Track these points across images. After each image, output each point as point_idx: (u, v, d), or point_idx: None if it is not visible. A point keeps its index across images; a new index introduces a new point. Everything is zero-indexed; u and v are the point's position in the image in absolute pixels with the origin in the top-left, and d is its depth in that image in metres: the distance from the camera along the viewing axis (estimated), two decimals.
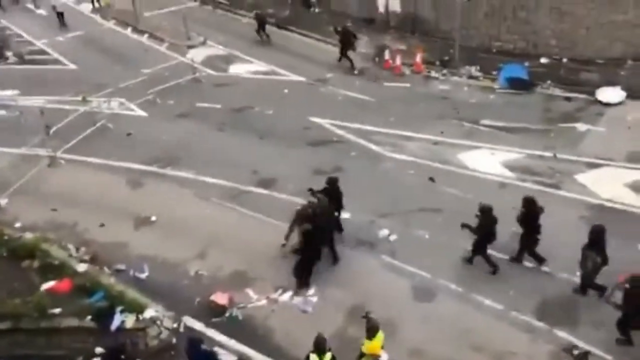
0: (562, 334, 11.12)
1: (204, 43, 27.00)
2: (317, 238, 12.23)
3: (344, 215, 13.85)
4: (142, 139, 19.01)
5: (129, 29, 29.53)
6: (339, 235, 13.53)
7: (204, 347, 10.52)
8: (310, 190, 13.20)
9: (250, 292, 12.59)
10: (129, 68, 24.46)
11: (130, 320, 11.60)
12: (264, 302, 12.31)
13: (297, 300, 12.22)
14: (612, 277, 11.61)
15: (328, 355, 9.46)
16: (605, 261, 11.39)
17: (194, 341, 10.52)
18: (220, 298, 12.18)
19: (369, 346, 9.70)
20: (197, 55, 25.52)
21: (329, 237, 12.87)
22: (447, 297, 12.02)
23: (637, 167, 15.79)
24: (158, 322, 11.65)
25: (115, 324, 11.55)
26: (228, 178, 16.37)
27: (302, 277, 12.43)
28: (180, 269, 13.27)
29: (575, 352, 10.21)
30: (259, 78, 23.51)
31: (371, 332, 9.70)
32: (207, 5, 32.10)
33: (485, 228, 12.12)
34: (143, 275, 13.26)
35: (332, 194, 13.16)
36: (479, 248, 12.43)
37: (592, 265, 11.42)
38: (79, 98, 21.70)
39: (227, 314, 12.03)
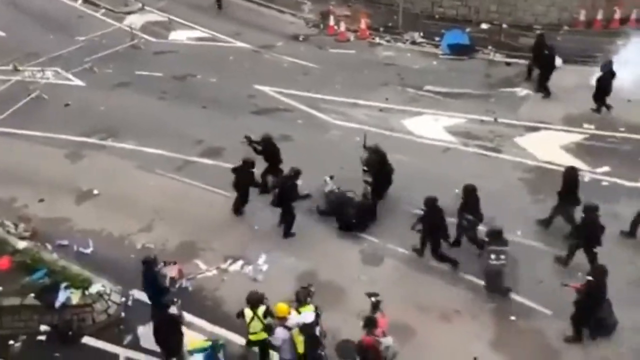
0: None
1: (142, 9, 26.02)
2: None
3: None
4: (81, 109, 18.33)
5: None
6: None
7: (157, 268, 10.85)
8: (247, 138, 13.57)
9: (199, 263, 12.52)
10: (63, 35, 23.35)
11: (75, 296, 11.31)
12: (213, 272, 12.27)
13: (248, 269, 12.24)
14: (555, 235, 12.20)
15: (261, 309, 9.66)
16: (479, 219, 11.91)
17: (148, 262, 10.69)
18: (169, 270, 12.04)
19: (281, 307, 9.70)
20: (135, 21, 24.62)
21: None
22: (395, 261, 12.30)
23: (572, 129, 16.43)
24: (105, 297, 11.44)
25: (60, 300, 11.25)
26: (172, 148, 16.05)
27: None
28: (126, 243, 13.03)
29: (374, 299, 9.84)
30: (202, 45, 22.95)
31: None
32: None
33: (430, 220, 11.79)
34: (87, 250, 12.95)
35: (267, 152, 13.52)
36: (434, 247, 12.01)
37: (467, 224, 11.93)
38: (10, 67, 20.63)
39: (176, 286, 11.93)
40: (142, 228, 13.43)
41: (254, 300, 9.71)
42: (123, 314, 11.45)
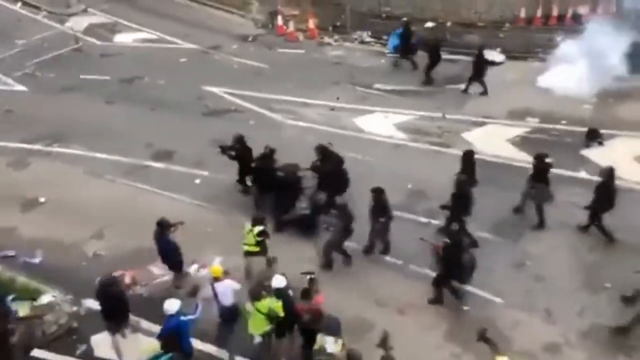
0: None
1: (85, 11, 25.38)
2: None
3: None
4: (23, 115, 17.77)
5: None
6: None
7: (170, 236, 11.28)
8: (221, 147, 13.62)
9: (153, 268, 12.32)
10: (1, 39, 22.53)
11: (24, 309, 10.98)
12: (169, 277, 12.10)
13: (203, 272, 12.11)
14: (504, 225, 12.60)
15: (258, 228, 11.14)
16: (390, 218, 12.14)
17: (162, 225, 11.23)
18: (123, 276, 11.81)
19: (215, 269, 10.26)
20: (78, 23, 24.01)
21: None
22: (353, 257, 12.39)
23: (516, 123, 16.97)
24: (56, 307, 11.13)
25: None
26: (121, 153, 15.75)
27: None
28: (77, 251, 12.71)
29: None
30: (149, 47, 22.57)
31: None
32: None
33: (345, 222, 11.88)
34: (36, 260, 12.58)
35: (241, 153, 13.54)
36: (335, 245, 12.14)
37: (380, 227, 12.22)
38: None
39: (130, 293, 11.70)
40: (93, 235, 13.13)
41: (256, 220, 11.32)
42: (75, 324, 11.16)
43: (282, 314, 9.60)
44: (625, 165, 14.78)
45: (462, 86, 18.67)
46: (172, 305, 9.34)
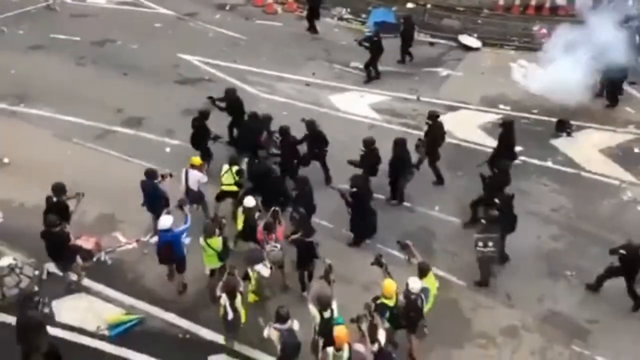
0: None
1: None
2: None
3: None
4: None
5: None
6: None
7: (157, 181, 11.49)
8: (210, 98, 14.16)
9: (119, 235, 12.19)
10: None
11: None
12: (134, 245, 11.99)
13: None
14: (464, 210, 12.80)
15: (235, 168, 11.93)
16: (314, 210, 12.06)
17: (149, 173, 11.52)
18: (86, 242, 11.66)
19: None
20: None
21: None
22: (322, 235, 12.37)
23: (489, 109, 17.13)
24: (17, 271, 10.92)
25: None
26: (90, 117, 15.41)
27: None
28: (40, 214, 12.40)
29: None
30: (123, 9, 21.98)
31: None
32: None
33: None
34: None
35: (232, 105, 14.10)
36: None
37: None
38: None
39: (94, 259, 11.57)
40: None
41: (233, 160, 12.18)
42: (36, 288, 10.96)
43: (240, 226, 10.88)
44: (591, 156, 15.15)
45: (439, 69, 18.79)
46: (166, 221, 10.35)
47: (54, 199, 11.06)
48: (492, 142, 15.53)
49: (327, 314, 9.04)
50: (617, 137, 15.87)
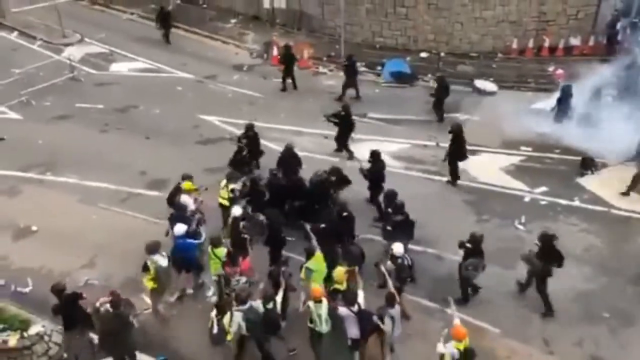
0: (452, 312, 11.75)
1: (81, 40, 25.55)
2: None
3: None
4: (18, 143, 17.73)
5: None
6: None
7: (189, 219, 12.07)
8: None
9: (145, 297, 12.15)
10: None
11: (13, 339, 10.77)
12: (160, 307, 11.92)
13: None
14: (500, 254, 12.56)
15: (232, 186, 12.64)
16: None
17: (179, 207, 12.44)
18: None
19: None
20: (74, 53, 24.08)
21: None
22: None
23: (510, 152, 17.05)
24: (46, 338, 10.92)
25: None
26: (115, 181, 15.69)
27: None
28: (68, 280, 12.46)
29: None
30: (144, 76, 22.68)
31: None
32: (82, 0, 30.35)
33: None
34: (26, 290, 12.41)
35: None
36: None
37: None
38: None
39: None
40: (84, 264, 12.98)
41: (231, 177, 13.18)
42: (65, 355, 10.93)
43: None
44: (619, 193, 14.88)
45: (457, 115, 18.88)
46: (179, 229, 11.57)
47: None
48: (516, 184, 15.44)
49: (269, 306, 10.29)
50: None
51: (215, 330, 10.79)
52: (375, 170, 14.16)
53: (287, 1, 25.96)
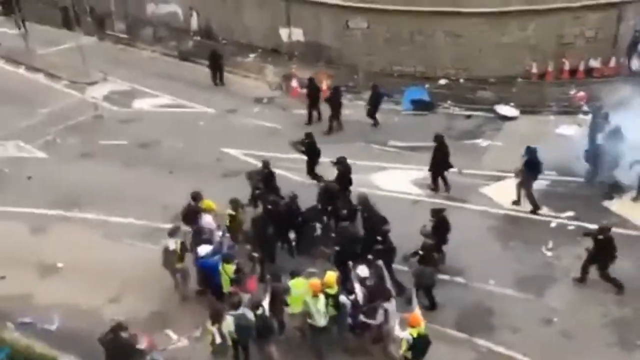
0: (481, 341, 11.51)
1: (104, 79, 26.13)
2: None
3: None
4: (43, 181, 18.03)
5: (22, 68, 28.05)
6: None
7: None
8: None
9: (170, 333, 12.13)
10: (25, 108, 23.12)
11: None
12: (185, 342, 11.88)
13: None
14: (528, 281, 12.30)
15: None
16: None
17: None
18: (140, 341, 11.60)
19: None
20: (98, 91, 24.67)
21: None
22: None
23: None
24: None
25: None
26: (139, 216, 15.82)
27: None
28: (94, 316, 12.56)
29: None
30: (166, 111, 23.04)
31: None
32: (105, 40, 31.15)
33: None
34: (52, 327, 12.47)
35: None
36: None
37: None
38: None
39: (147, 358, 11.46)
40: (110, 300, 13.03)
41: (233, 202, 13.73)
42: None
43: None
44: None
45: (479, 141, 18.78)
46: (202, 250, 12.32)
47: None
48: (543, 210, 15.19)
49: (258, 312, 10.74)
50: None
51: (218, 340, 10.75)
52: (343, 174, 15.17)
53: (304, 34, 26.34)
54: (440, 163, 16.08)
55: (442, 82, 23.24)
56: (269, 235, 13.37)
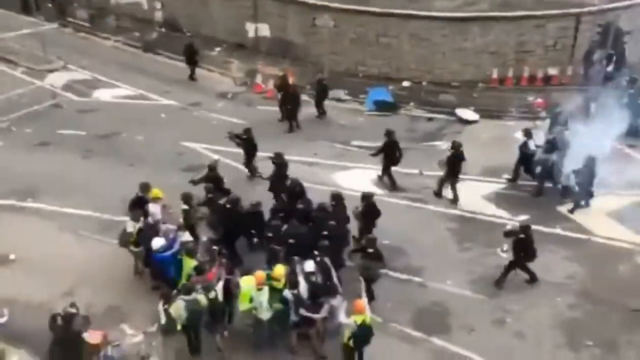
0: (438, 341, 11.73)
1: (64, 67, 25.49)
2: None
3: None
4: None
5: None
6: None
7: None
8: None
9: (125, 327, 11.94)
10: None
11: None
12: (140, 337, 11.71)
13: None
14: (483, 282, 12.56)
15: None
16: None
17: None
18: (93, 337, 11.38)
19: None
20: (57, 80, 24.05)
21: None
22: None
23: (491, 180, 17.22)
24: None
25: None
26: (97, 209, 15.51)
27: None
28: (46, 310, 12.17)
29: None
30: (127, 103, 22.63)
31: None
32: (66, 27, 30.34)
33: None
34: (2, 320, 12.13)
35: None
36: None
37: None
38: None
39: (101, 354, 11.27)
40: (63, 293, 12.71)
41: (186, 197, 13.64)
42: None
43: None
44: (599, 221, 15.05)
45: (439, 143, 19.09)
46: (156, 243, 12.08)
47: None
48: (497, 212, 15.57)
49: (211, 295, 10.96)
50: (623, 200, 15.80)
51: (163, 320, 10.97)
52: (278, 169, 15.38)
53: (270, 30, 26.26)
54: (390, 158, 16.59)
55: (406, 84, 23.52)
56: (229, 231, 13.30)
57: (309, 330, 11.31)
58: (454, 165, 15.77)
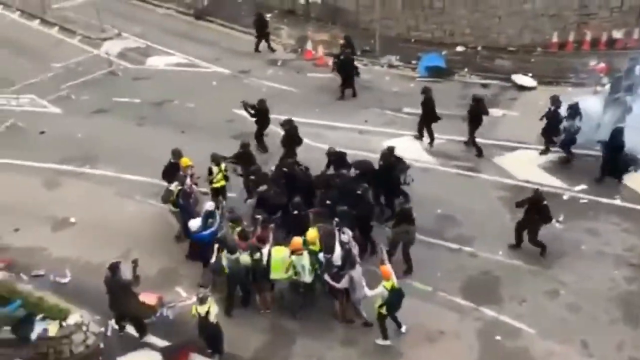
0: (487, 311, 11.60)
1: (119, 35, 25.95)
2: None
3: None
4: (57, 137, 18.11)
5: (37, 22, 27.91)
6: None
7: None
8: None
9: (180, 290, 12.31)
10: (39, 63, 23.13)
11: (53, 328, 11.03)
12: (194, 299, 12.03)
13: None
14: (536, 253, 12.30)
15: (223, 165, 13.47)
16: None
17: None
18: (149, 298, 11.81)
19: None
20: (112, 48, 24.52)
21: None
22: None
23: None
24: (84, 328, 11.15)
25: (36, 333, 10.94)
26: (150, 174, 15.84)
27: None
28: (105, 271, 12.71)
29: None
30: (179, 70, 22.90)
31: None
32: None
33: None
34: (64, 280, 12.71)
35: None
36: None
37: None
38: None
39: (157, 314, 11.69)
40: (120, 255, 13.08)
41: (217, 159, 13.99)
42: (102, 345, 11.16)
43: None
44: None
45: (494, 110, 18.50)
46: (193, 224, 12.41)
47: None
48: (554, 181, 15.09)
49: (256, 256, 11.33)
50: None
51: (214, 259, 11.50)
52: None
53: None
54: (427, 116, 16.73)
55: (460, 49, 22.84)
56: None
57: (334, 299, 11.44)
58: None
